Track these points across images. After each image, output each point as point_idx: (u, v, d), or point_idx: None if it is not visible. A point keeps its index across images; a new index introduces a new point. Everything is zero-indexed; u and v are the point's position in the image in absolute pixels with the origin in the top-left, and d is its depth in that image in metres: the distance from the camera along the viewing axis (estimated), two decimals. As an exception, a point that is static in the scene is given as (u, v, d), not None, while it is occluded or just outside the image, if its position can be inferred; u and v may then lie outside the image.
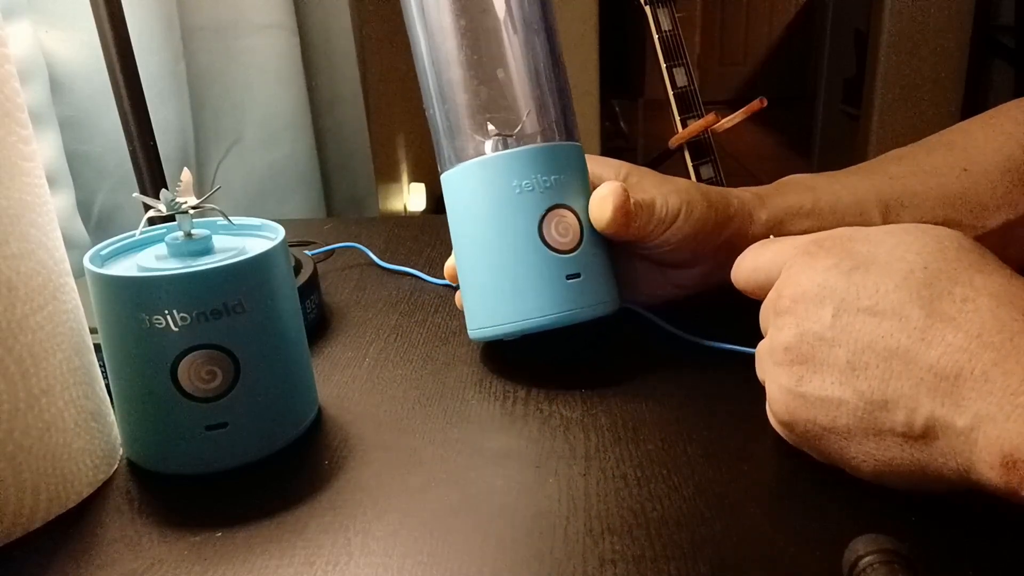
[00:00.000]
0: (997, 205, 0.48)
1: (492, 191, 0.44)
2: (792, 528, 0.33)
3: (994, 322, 0.29)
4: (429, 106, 0.47)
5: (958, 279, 0.31)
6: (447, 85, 0.46)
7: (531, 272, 0.43)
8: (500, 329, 0.45)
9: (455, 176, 0.45)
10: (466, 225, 0.45)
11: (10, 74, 0.35)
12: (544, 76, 0.46)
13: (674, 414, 0.42)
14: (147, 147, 0.59)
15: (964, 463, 0.29)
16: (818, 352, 0.33)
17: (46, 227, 0.36)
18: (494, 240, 0.44)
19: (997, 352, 0.28)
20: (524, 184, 0.43)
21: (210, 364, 0.36)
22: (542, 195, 0.44)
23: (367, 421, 0.43)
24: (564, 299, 0.43)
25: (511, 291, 0.44)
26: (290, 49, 1.02)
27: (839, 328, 0.32)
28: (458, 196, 0.46)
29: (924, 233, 0.34)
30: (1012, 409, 0.27)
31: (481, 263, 0.45)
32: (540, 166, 0.44)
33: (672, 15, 1.41)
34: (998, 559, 0.31)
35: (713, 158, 1.46)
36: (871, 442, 0.32)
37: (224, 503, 0.36)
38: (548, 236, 0.44)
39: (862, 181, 0.50)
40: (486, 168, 0.44)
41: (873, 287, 0.32)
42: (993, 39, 2.32)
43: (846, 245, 0.35)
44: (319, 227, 0.78)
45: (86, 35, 0.69)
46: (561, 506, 0.35)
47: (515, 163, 0.44)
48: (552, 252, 0.43)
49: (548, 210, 0.44)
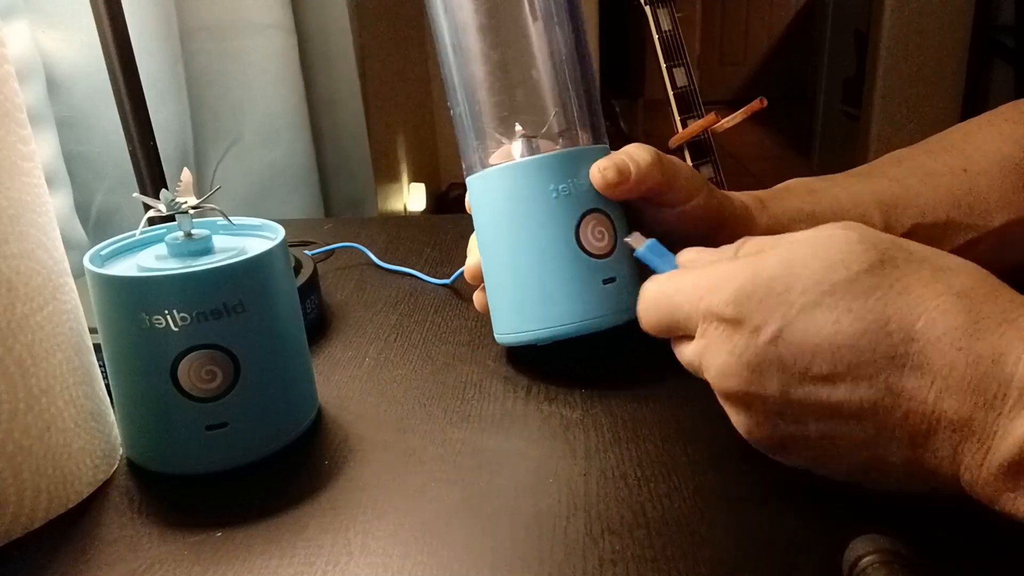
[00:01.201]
0: (997, 206, 0.47)
1: (529, 196, 0.43)
2: (792, 528, 0.33)
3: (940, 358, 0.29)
4: (455, 105, 0.46)
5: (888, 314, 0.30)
6: (473, 83, 0.45)
7: (568, 277, 0.43)
8: (534, 335, 0.44)
9: (485, 178, 0.45)
10: (498, 229, 0.44)
11: (9, 74, 0.35)
12: (572, 75, 0.45)
13: (674, 414, 0.42)
14: (147, 147, 0.59)
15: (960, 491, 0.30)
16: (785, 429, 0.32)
17: (45, 227, 0.36)
18: (530, 245, 0.43)
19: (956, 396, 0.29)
20: (561, 188, 0.43)
21: (210, 364, 0.36)
22: (579, 199, 0.43)
23: (367, 421, 0.43)
24: (599, 304, 0.43)
25: (547, 296, 0.43)
26: (289, 49, 1.02)
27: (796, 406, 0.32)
28: (489, 200, 0.45)
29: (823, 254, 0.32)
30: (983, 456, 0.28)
31: (515, 268, 0.44)
32: (576, 170, 0.43)
33: (672, 15, 1.41)
34: (998, 559, 0.31)
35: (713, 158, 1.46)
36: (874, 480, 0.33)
37: (224, 503, 0.36)
38: (585, 240, 0.43)
39: (862, 184, 0.50)
40: (522, 172, 0.43)
41: (808, 352, 0.31)
42: (993, 39, 2.32)
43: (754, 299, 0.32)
44: (319, 227, 0.78)
45: (84, 35, 0.69)
46: (561, 506, 0.35)
47: (552, 167, 0.43)
48: (588, 256, 0.43)
49: (584, 214, 0.43)
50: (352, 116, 1.19)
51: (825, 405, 0.31)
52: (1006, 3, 2.30)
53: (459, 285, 0.61)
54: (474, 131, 0.45)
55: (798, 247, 0.32)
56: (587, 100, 0.45)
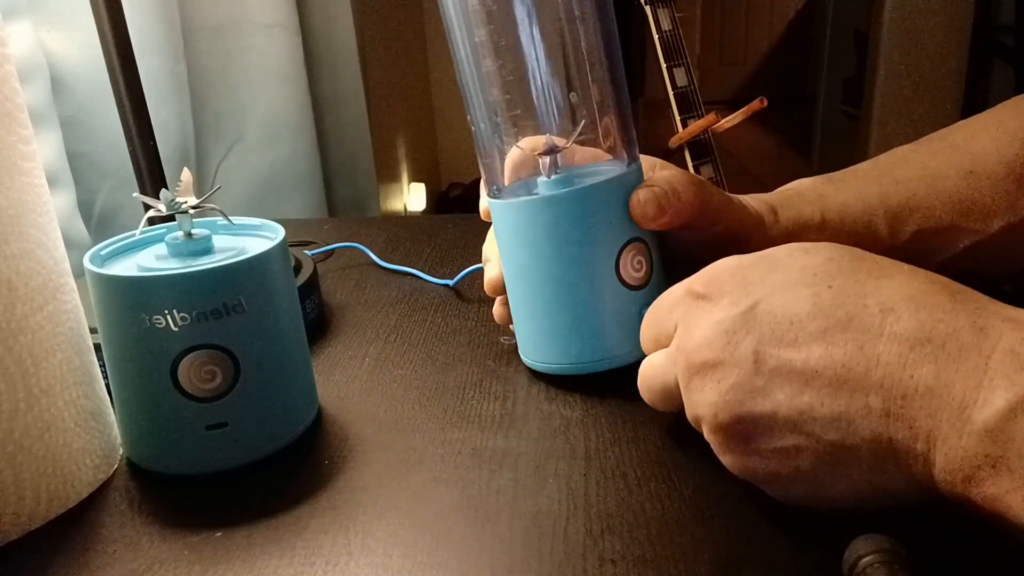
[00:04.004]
0: (1001, 208, 0.47)
1: (569, 228, 0.41)
2: (792, 528, 0.33)
3: (919, 329, 0.28)
4: (477, 120, 0.44)
5: (866, 291, 0.30)
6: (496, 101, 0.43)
7: (609, 310, 0.42)
8: (574, 368, 0.43)
9: (519, 207, 0.42)
10: (531, 258, 0.43)
11: (10, 74, 0.35)
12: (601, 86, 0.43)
13: (674, 414, 0.42)
14: (147, 147, 0.59)
15: (928, 485, 0.28)
16: (753, 406, 0.31)
17: (46, 227, 0.36)
18: (567, 277, 0.42)
19: (934, 363, 0.27)
20: (600, 219, 0.41)
21: (210, 364, 0.36)
22: (619, 230, 0.42)
23: (367, 421, 0.43)
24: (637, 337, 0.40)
25: (586, 330, 0.42)
26: (292, 49, 1.03)
27: (767, 375, 0.30)
28: (523, 226, 0.42)
29: (808, 252, 0.33)
30: (962, 425, 0.27)
31: (551, 300, 0.43)
32: (615, 200, 0.42)
33: (672, 15, 1.41)
34: (998, 559, 0.31)
35: (713, 158, 1.46)
36: (841, 481, 0.30)
37: (224, 503, 0.36)
38: (624, 272, 0.42)
39: (869, 188, 0.49)
40: (559, 203, 0.41)
41: (786, 320, 0.30)
42: (993, 39, 2.32)
43: (735, 279, 0.33)
44: (319, 227, 0.78)
45: (87, 35, 0.69)
46: (561, 506, 0.35)
47: (591, 198, 0.41)
48: (627, 288, 0.42)
49: (624, 245, 0.42)
50: (355, 116, 1.19)
51: (799, 373, 0.30)
52: (1006, 3, 2.30)
53: (459, 285, 0.61)
54: (498, 149, 0.44)
55: (780, 248, 0.34)
56: (617, 110, 0.44)
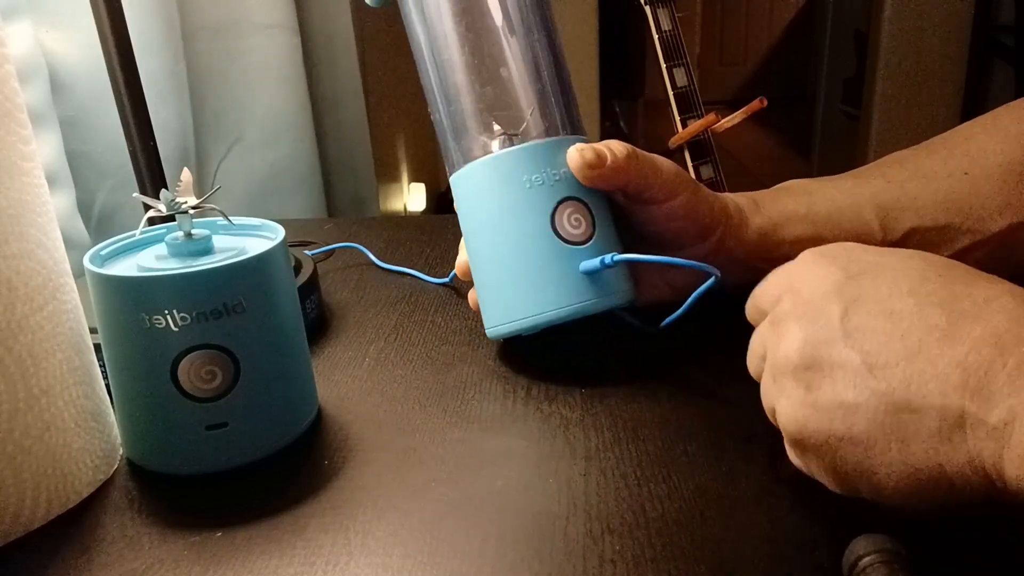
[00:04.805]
0: (999, 209, 0.47)
1: (502, 188, 0.44)
2: (792, 528, 0.33)
3: (1020, 316, 0.28)
4: (435, 110, 0.47)
5: (974, 283, 0.30)
6: (451, 88, 0.46)
7: (546, 265, 0.43)
8: (517, 325, 0.45)
9: (464, 176, 0.46)
10: (478, 223, 0.46)
11: (9, 74, 0.35)
12: (546, 74, 0.46)
13: (674, 414, 0.42)
14: (147, 147, 0.59)
15: (994, 463, 0.27)
16: (827, 354, 0.31)
17: (46, 227, 0.36)
18: (507, 236, 0.44)
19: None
20: (534, 179, 0.44)
21: (210, 364, 0.36)
22: (552, 188, 0.44)
23: (367, 421, 0.43)
24: (580, 290, 0.43)
25: (527, 285, 0.44)
26: (291, 49, 1.02)
27: (850, 328, 0.30)
28: (468, 195, 0.46)
29: (922, 255, 0.33)
30: None
31: (496, 260, 0.45)
32: (548, 160, 0.44)
33: (672, 15, 1.41)
34: (998, 559, 0.31)
35: (713, 158, 1.46)
36: (894, 449, 0.29)
37: (224, 503, 0.36)
38: (561, 228, 0.44)
39: (860, 185, 0.49)
40: (495, 165, 0.44)
41: (887, 290, 0.31)
42: (993, 39, 2.32)
43: (852, 254, 0.34)
44: (319, 227, 0.78)
45: (87, 35, 0.69)
46: (561, 506, 0.35)
47: (523, 159, 0.44)
48: (565, 244, 0.44)
49: (559, 202, 0.44)
50: (354, 116, 1.19)
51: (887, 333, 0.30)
52: (1006, 3, 2.30)
53: (459, 285, 0.61)
54: (453, 134, 0.46)
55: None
56: (562, 95, 0.46)
